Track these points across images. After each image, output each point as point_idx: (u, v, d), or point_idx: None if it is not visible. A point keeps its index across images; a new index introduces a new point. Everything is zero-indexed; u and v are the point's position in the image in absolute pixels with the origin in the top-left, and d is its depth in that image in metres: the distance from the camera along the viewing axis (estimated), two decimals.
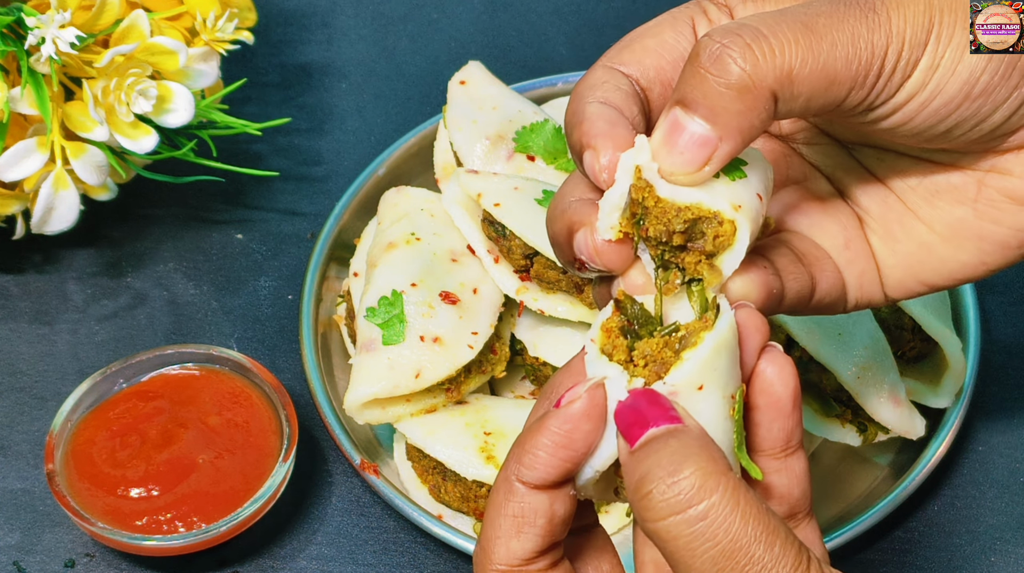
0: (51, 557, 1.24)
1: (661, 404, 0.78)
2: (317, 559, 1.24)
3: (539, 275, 1.25)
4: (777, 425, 0.82)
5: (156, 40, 1.27)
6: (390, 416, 1.23)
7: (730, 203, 0.79)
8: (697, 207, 0.79)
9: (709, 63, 0.77)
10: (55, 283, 1.43)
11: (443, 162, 1.40)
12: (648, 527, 0.75)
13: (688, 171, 0.79)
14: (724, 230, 0.79)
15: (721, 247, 0.80)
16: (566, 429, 0.79)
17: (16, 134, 1.29)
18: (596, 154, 0.81)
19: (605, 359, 0.81)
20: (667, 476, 0.74)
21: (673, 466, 0.74)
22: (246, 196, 1.50)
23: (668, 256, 0.81)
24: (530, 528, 0.81)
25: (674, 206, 0.80)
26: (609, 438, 0.79)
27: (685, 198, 0.79)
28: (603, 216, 0.82)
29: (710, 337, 0.79)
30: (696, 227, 0.80)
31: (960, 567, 1.23)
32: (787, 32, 0.78)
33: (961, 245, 0.89)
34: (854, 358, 1.19)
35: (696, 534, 0.73)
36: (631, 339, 0.82)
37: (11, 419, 1.33)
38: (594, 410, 0.79)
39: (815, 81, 0.78)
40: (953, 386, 1.26)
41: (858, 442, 1.23)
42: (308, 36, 1.66)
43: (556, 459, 0.80)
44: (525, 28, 1.67)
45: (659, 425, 0.76)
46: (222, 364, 1.28)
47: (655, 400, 0.78)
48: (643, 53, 0.86)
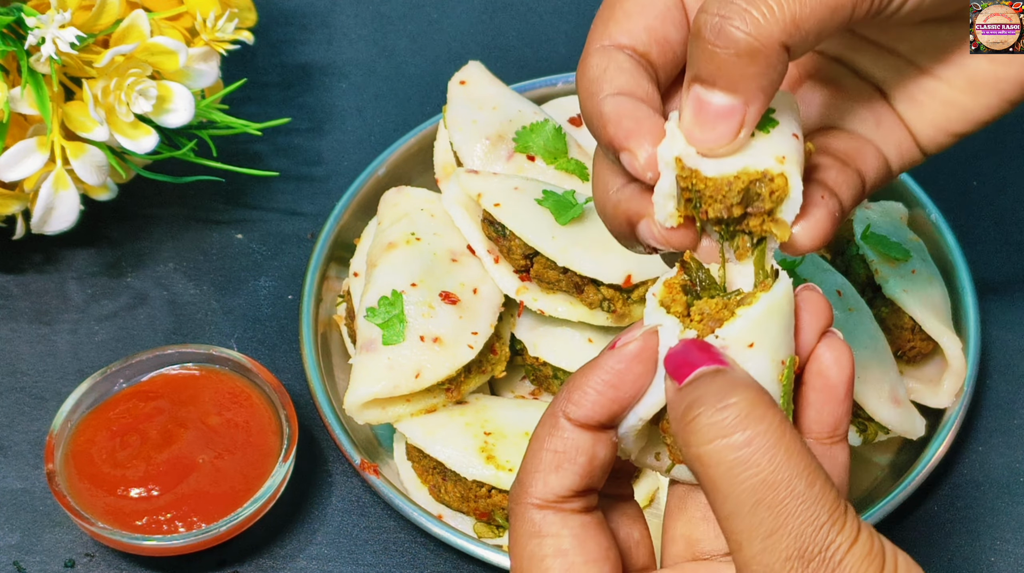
0: (51, 557, 1.24)
1: (711, 351, 0.79)
2: (317, 559, 1.24)
3: (539, 275, 1.25)
4: (828, 409, 0.83)
5: (156, 40, 1.27)
6: (390, 416, 1.23)
7: (774, 157, 0.81)
8: (745, 173, 0.81)
9: (713, 37, 0.78)
10: (55, 283, 1.43)
11: (443, 162, 1.40)
12: (692, 452, 0.75)
13: (724, 143, 0.80)
14: (777, 185, 0.81)
15: (779, 200, 0.82)
16: (619, 369, 0.81)
17: (16, 134, 1.29)
18: (634, 155, 0.82)
19: (663, 311, 0.83)
20: (715, 401, 0.75)
21: (721, 394, 0.75)
22: (246, 196, 1.50)
23: (733, 227, 0.84)
24: (570, 465, 0.82)
25: (724, 180, 0.81)
26: (657, 386, 0.81)
27: (731, 169, 0.81)
28: (659, 209, 0.83)
29: (765, 297, 0.81)
30: (751, 192, 0.82)
31: (960, 567, 1.23)
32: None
33: (981, 92, 0.90)
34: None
35: (739, 460, 0.73)
36: (691, 297, 0.84)
37: (11, 419, 1.33)
38: (646, 353, 0.81)
39: (819, 14, 0.79)
40: (953, 386, 1.26)
41: (858, 442, 1.23)
42: (308, 36, 1.66)
43: (605, 398, 0.81)
44: (525, 28, 1.67)
45: (708, 365, 0.78)
46: (222, 364, 1.28)
47: (705, 347, 0.79)
48: (627, 19, 0.86)
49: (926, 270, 1.30)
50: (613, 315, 1.24)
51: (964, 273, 1.33)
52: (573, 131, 1.41)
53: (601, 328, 1.26)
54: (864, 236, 1.28)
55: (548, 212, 1.24)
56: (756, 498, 0.73)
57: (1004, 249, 1.45)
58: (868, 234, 1.28)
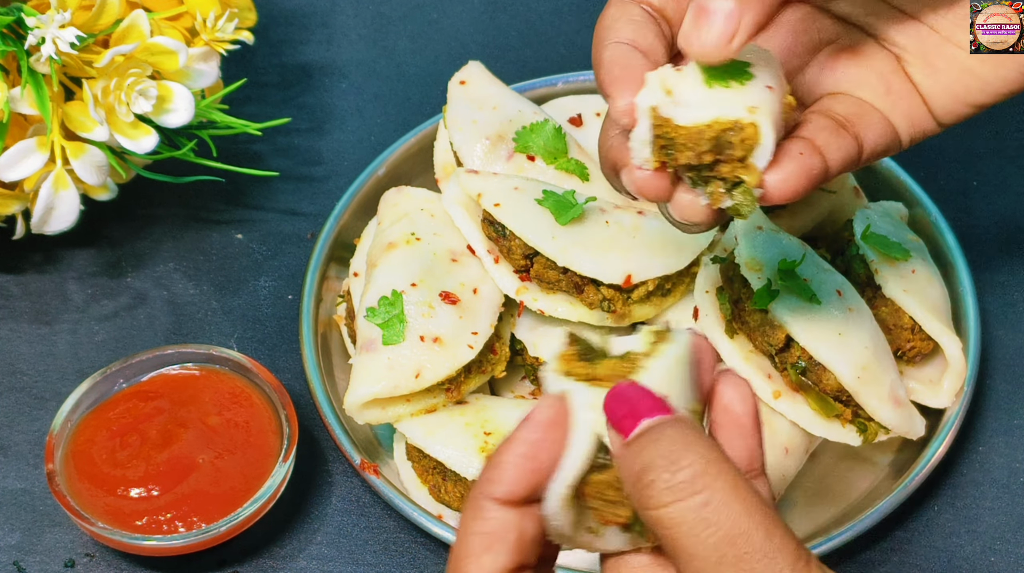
0: (51, 557, 1.24)
1: (651, 395, 0.79)
2: (317, 559, 1.24)
3: (539, 275, 1.25)
4: (740, 444, 0.83)
5: (156, 40, 1.27)
6: (390, 416, 1.23)
7: (745, 107, 0.85)
8: (716, 122, 0.85)
9: None
10: (55, 283, 1.43)
11: (443, 162, 1.40)
12: (651, 515, 0.75)
13: (718, 47, 0.83)
14: (747, 133, 0.85)
15: (749, 148, 0.85)
16: (533, 439, 0.80)
17: (16, 134, 1.29)
18: (614, 101, 0.87)
19: (568, 379, 0.82)
20: (669, 465, 0.75)
21: (674, 455, 0.75)
22: (246, 196, 1.50)
23: (706, 172, 0.87)
24: (501, 544, 0.80)
25: (696, 129, 0.85)
26: (574, 449, 0.80)
27: (704, 117, 0.85)
28: (635, 154, 0.88)
29: (670, 348, 0.82)
30: (722, 140, 0.85)
31: (960, 567, 1.23)
32: None
33: (1001, 62, 0.92)
34: (854, 358, 1.19)
35: (699, 520, 0.74)
36: (588, 363, 0.83)
37: (11, 419, 1.33)
38: (559, 418, 0.80)
39: None
40: (953, 386, 1.26)
41: (858, 442, 1.23)
42: (308, 36, 1.66)
43: (524, 470, 0.80)
44: (525, 28, 1.67)
45: (653, 416, 0.77)
46: (222, 364, 1.28)
47: (644, 392, 0.79)
48: None
49: (926, 270, 1.30)
50: (613, 315, 1.24)
51: (964, 273, 1.33)
52: (573, 131, 1.41)
53: (601, 328, 1.26)
54: (864, 236, 1.28)
55: (548, 212, 1.24)
56: (719, 555, 0.74)
57: (1004, 249, 1.45)
58: (868, 234, 1.28)
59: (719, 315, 1.23)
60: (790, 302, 1.19)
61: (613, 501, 0.81)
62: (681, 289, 1.27)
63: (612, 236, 1.24)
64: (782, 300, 1.19)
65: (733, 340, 1.22)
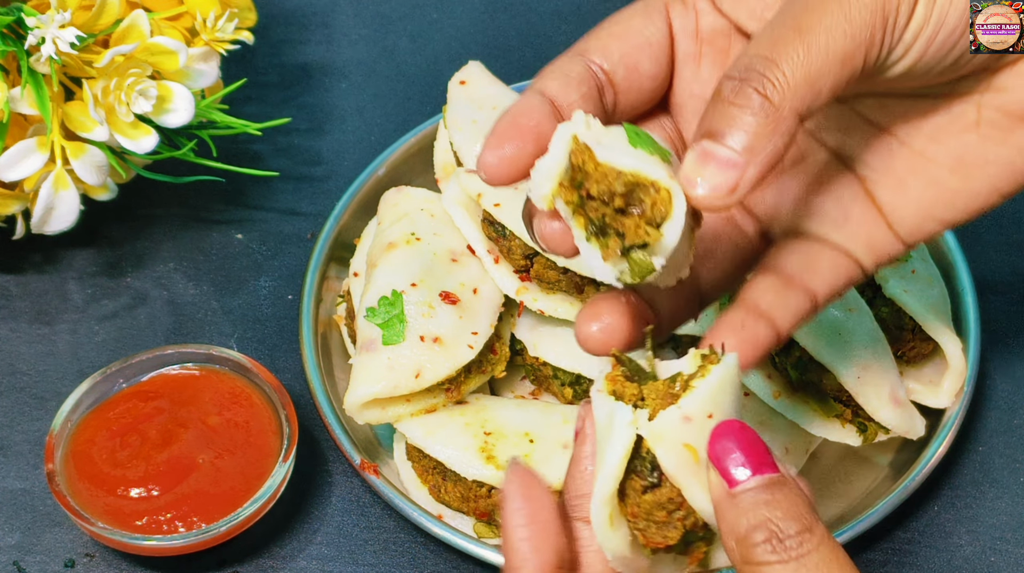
0: (51, 557, 1.24)
1: (758, 444, 0.81)
2: (317, 559, 1.24)
3: (539, 275, 1.25)
4: None
5: (156, 40, 1.27)
6: (390, 416, 1.23)
7: (667, 174, 0.80)
8: (635, 174, 0.80)
9: (732, 96, 0.80)
10: (55, 283, 1.43)
11: (443, 162, 1.40)
12: (751, 569, 0.80)
13: (719, 196, 0.80)
14: (661, 197, 0.80)
15: (662, 216, 0.80)
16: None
17: (16, 134, 1.29)
18: (484, 150, 0.83)
19: (612, 399, 0.83)
20: (780, 530, 0.79)
21: (785, 523, 0.79)
22: (246, 196, 1.50)
23: (609, 220, 0.81)
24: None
25: (614, 170, 0.80)
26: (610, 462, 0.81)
27: (625, 165, 0.80)
28: (536, 186, 0.82)
29: (717, 369, 0.81)
30: (634, 194, 0.80)
31: (960, 567, 1.23)
32: (789, 47, 0.81)
33: (970, 174, 0.90)
34: (854, 358, 1.19)
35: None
36: (635, 385, 0.83)
37: (11, 419, 1.33)
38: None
39: (831, 69, 0.81)
40: (953, 386, 1.26)
41: (858, 442, 1.23)
42: (308, 36, 1.66)
43: None
44: (525, 28, 1.67)
45: (763, 472, 0.80)
46: (222, 364, 1.28)
47: (751, 438, 0.81)
48: (609, 39, 0.89)
49: (926, 270, 1.30)
50: None
51: (964, 273, 1.33)
52: None
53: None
54: None
55: None
56: None
57: (1004, 249, 1.45)
58: None
59: (719, 315, 1.23)
60: None
61: (661, 522, 0.82)
62: None
63: None
64: None
65: None
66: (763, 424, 1.22)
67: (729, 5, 0.91)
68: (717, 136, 0.80)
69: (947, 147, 0.90)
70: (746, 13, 0.90)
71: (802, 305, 0.91)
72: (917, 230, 0.93)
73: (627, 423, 0.81)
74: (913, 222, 0.92)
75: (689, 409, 0.80)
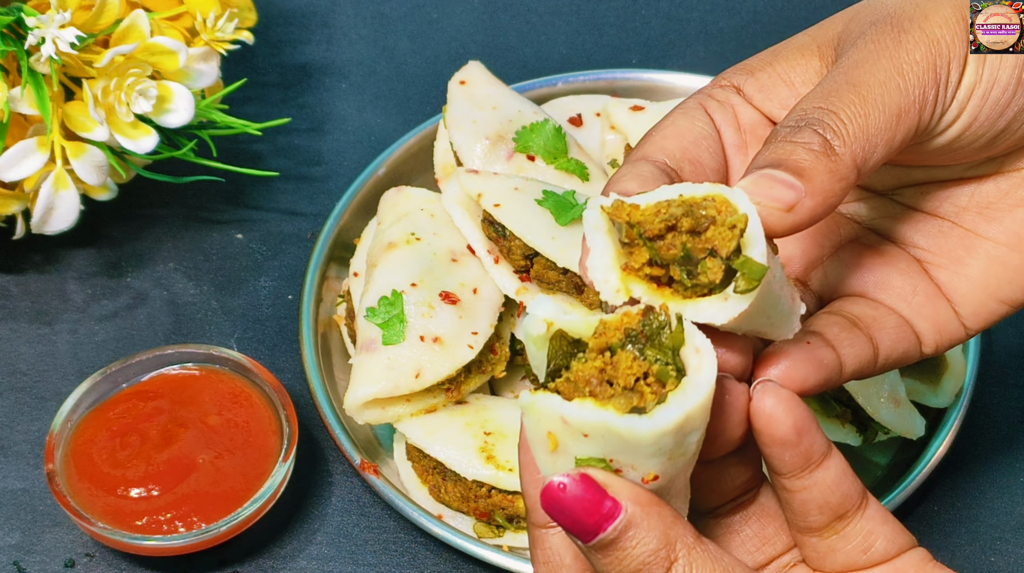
0: (51, 557, 1.24)
1: (590, 502, 0.75)
2: (317, 559, 1.24)
3: (539, 275, 1.25)
4: (789, 453, 0.81)
5: (156, 40, 1.27)
6: (390, 416, 1.23)
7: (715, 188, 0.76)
8: (682, 198, 0.76)
9: (790, 135, 0.79)
10: (55, 283, 1.43)
11: (443, 162, 1.40)
12: None
13: (776, 206, 0.77)
14: (719, 203, 0.75)
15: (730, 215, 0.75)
16: None
17: (16, 134, 1.29)
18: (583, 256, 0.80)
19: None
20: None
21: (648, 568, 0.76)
22: (246, 196, 1.50)
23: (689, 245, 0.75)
24: None
25: (661, 203, 0.76)
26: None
27: (668, 195, 0.76)
28: (602, 289, 0.77)
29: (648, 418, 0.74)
30: (695, 212, 0.75)
31: (960, 567, 1.23)
32: (844, 98, 0.79)
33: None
34: None
35: None
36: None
37: (11, 419, 1.33)
38: None
39: (888, 123, 0.79)
40: (953, 386, 1.26)
41: (858, 442, 1.23)
42: (308, 36, 1.66)
43: None
44: (525, 28, 1.67)
45: (602, 530, 0.75)
46: (222, 364, 1.28)
47: (580, 499, 0.75)
48: (664, 140, 0.86)
49: None
50: None
51: None
52: (573, 131, 1.41)
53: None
54: None
55: (548, 212, 1.24)
56: None
57: None
58: None
59: None
60: None
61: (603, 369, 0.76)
62: None
63: None
64: None
65: None
66: None
67: (760, 99, 0.89)
68: (774, 165, 0.78)
69: (1003, 224, 0.89)
70: (778, 104, 0.89)
71: (866, 350, 0.87)
72: (980, 313, 0.90)
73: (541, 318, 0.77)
74: (976, 302, 0.90)
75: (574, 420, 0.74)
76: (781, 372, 0.82)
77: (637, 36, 1.66)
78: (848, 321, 0.88)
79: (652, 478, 0.76)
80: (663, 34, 1.67)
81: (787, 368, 0.83)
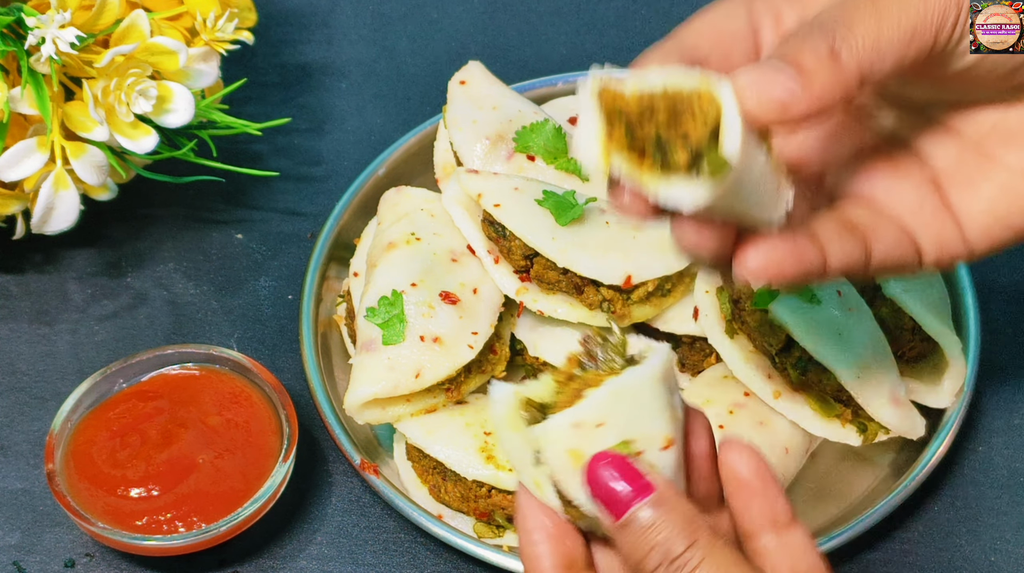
0: (51, 557, 1.24)
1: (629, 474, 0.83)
2: (317, 559, 1.24)
3: (539, 276, 1.25)
4: (757, 504, 0.86)
5: (156, 40, 1.27)
6: (390, 416, 1.23)
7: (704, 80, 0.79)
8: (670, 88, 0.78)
9: (801, 39, 0.81)
10: (55, 283, 1.43)
11: (443, 162, 1.40)
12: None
13: (767, 102, 0.80)
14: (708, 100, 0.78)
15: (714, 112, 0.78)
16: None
17: (16, 134, 1.29)
18: None
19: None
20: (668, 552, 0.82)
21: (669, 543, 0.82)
22: (246, 196, 1.50)
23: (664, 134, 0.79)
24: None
25: (648, 94, 0.78)
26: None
27: (656, 84, 0.79)
28: (584, 158, 0.81)
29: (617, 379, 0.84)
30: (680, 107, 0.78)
31: (960, 567, 1.23)
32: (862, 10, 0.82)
33: None
34: (854, 358, 1.19)
35: None
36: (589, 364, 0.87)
37: (11, 419, 1.33)
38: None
39: (901, 39, 0.81)
40: (953, 386, 1.26)
41: (858, 442, 1.23)
42: (308, 36, 1.66)
43: None
44: (525, 28, 1.67)
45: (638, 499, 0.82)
46: (222, 364, 1.28)
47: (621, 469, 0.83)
48: (701, 26, 0.88)
49: None
50: (613, 316, 1.24)
51: (964, 273, 1.33)
52: (573, 131, 1.41)
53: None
54: None
55: (548, 212, 1.24)
56: None
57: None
58: None
59: (719, 315, 1.23)
60: (790, 302, 1.19)
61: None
62: (681, 289, 1.27)
63: (612, 237, 1.24)
64: (782, 300, 1.19)
65: (733, 340, 1.22)
66: (763, 424, 1.22)
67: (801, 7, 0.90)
68: (785, 58, 0.80)
69: (1022, 153, 0.89)
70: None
71: (856, 253, 0.89)
72: (986, 234, 0.91)
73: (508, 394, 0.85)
74: (983, 224, 0.91)
75: (579, 417, 0.83)
76: (758, 254, 0.84)
77: (637, 36, 1.66)
78: (845, 220, 0.90)
79: (669, 444, 0.84)
80: (663, 34, 1.66)
81: (764, 252, 0.85)
